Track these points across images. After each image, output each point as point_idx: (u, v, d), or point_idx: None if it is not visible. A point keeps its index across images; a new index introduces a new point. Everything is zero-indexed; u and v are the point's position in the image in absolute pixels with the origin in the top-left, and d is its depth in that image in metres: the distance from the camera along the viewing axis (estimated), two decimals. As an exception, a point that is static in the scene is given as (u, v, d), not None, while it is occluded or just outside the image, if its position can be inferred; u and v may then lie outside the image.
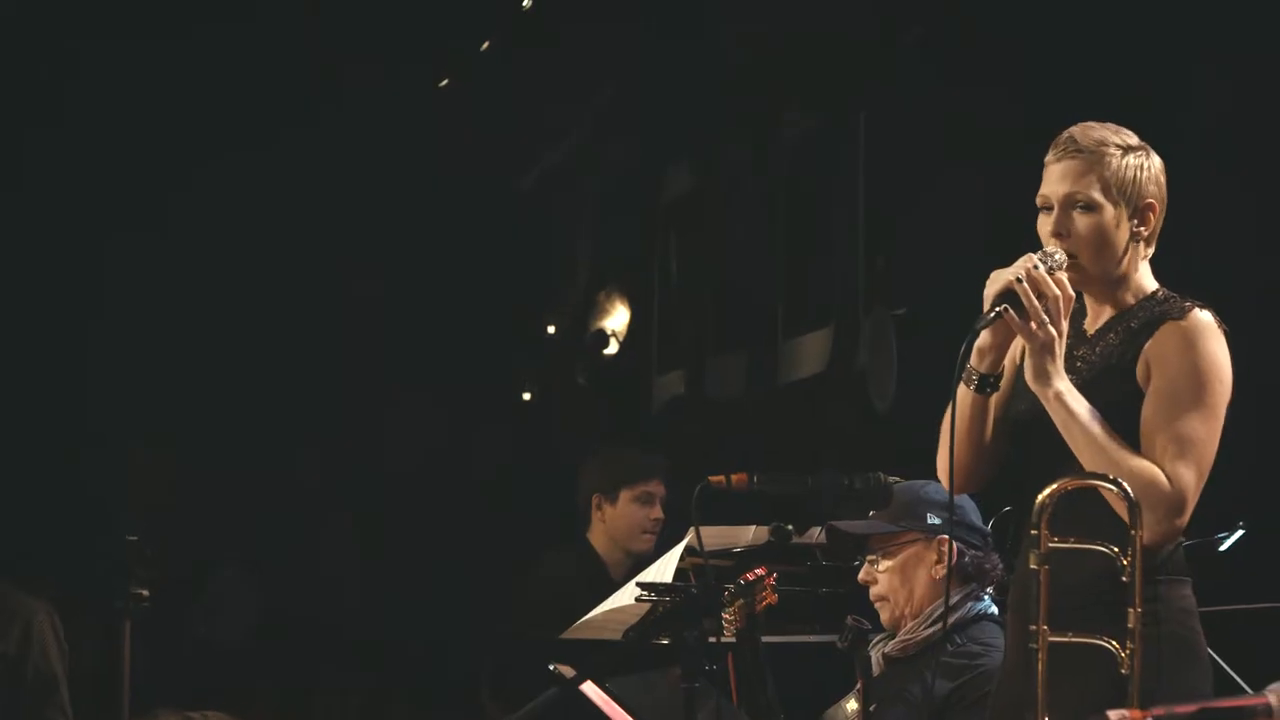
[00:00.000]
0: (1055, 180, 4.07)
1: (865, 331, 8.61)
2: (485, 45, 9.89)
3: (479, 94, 10.29)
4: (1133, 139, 4.09)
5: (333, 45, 9.60)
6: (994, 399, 4.12)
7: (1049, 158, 4.10)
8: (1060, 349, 3.96)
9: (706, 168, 10.65)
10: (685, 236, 11.00)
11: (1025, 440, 4.10)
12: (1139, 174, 4.05)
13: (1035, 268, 3.96)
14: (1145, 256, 4.12)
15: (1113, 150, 4.05)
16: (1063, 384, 3.95)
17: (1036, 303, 3.93)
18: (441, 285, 10.93)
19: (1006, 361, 4.12)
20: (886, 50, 8.30)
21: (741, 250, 10.21)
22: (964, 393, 4.08)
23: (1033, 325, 3.94)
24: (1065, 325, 3.97)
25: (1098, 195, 4.03)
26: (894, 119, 8.44)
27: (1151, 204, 4.08)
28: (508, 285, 11.29)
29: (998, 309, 3.95)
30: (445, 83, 10.31)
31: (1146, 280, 4.12)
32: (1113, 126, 4.10)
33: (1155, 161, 4.10)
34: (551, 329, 11.77)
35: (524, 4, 9.39)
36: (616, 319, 11.28)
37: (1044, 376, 3.96)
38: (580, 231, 11.75)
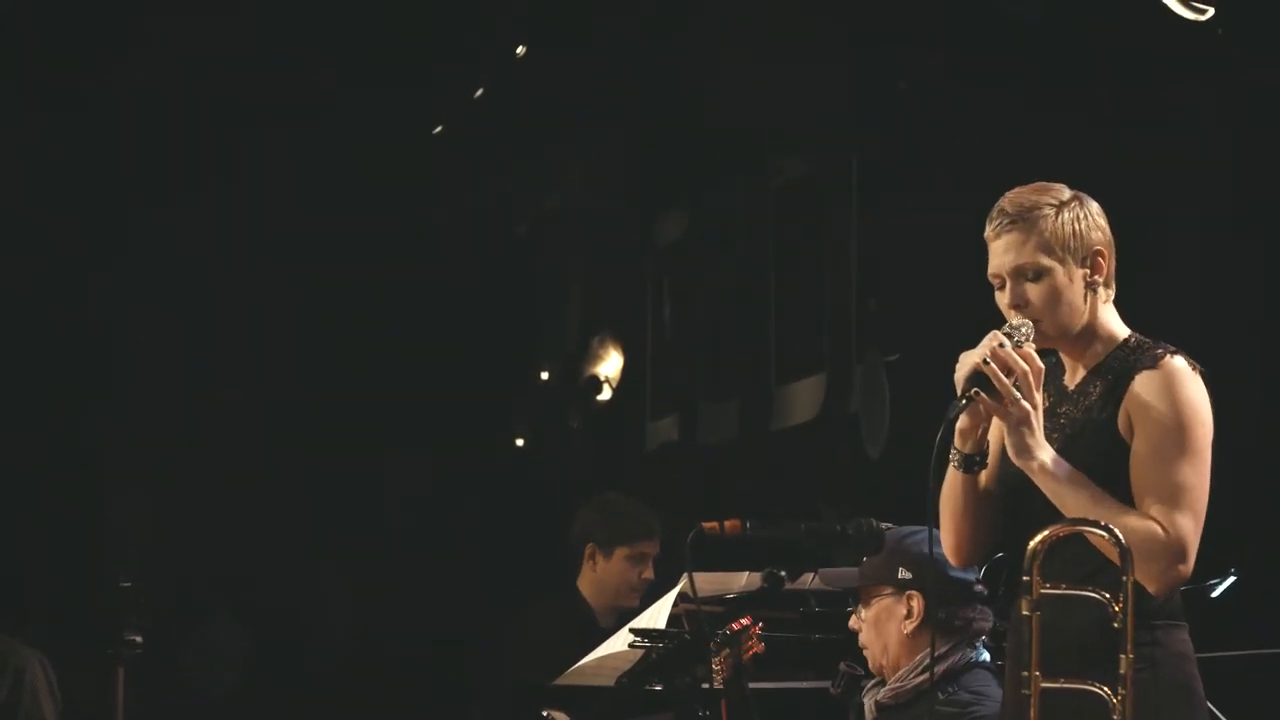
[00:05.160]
0: (999, 255, 4.08)
1: (858, 377, 8.62)
2: (479, 92, 9.91)
3: (473, 140, 10.31)
4: (1064, 193, 4.09)
5: (322, 83, 9.61)
6: (984, 472, 4.14)
7: (988, 233, 4.11)
8: (1037, 421, 3.96)
9: (699, 213, 10.68)
10: (678, 282, 11.02)
11: (1019, 493, 4.10)
12: (1077, 225, 4.06)
13: (1001, 345, 3.97)
14: (1107, 300, 4.12)
15: (1045, 211, 4.05)
16: (1045, 455, 3.96)
17: (1006, 380, 3.94)
18: (435, 331, 10.94)
19: (993, 435, 4.12)
20: (877, 96, 8.32)
21: (734, 296, 10.23)
22: (953, 474, 4.10)
23: (1006, 404, 3.95)
24: (1039, 397, 3.98)
25: (1043, 260, 4.04)
26: (886, 163, 8.46)
27: (1099, 250, 4.08)
28: (501, 331, 11.30)
29: (969, 394, 3.96)
30: (439, 129, 10.33)
31: (1115, 326, 4.12)
32: (1040, 186, 4.10)
33: (1092, 206, 4.11)
34: (545, 375, 11.78)
35: (517, 51, 9.42)
36: (610, 365, 11.29)
37: (1025, 451, 3.97)
38: (573, 277, 11.77)
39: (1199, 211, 6.84)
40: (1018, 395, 3.94)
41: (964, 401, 3.96)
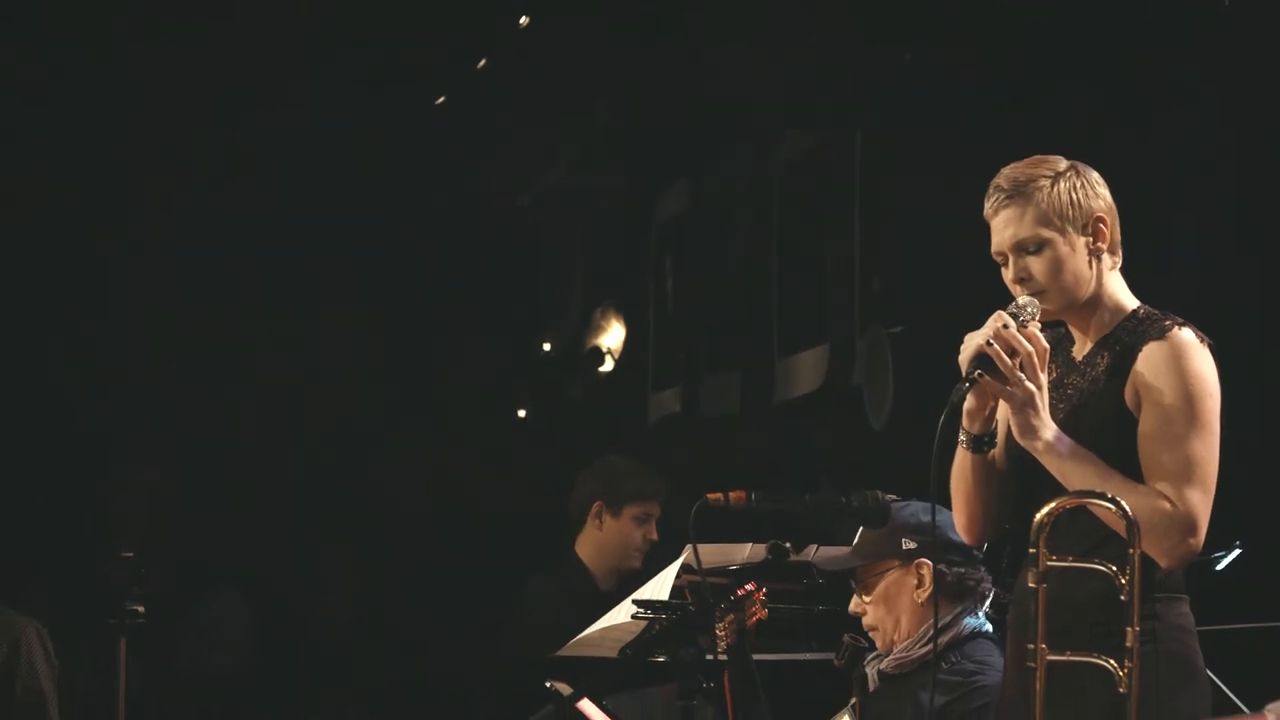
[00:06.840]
0: (1000, 230, 4.09)
1: (861, 349, 8.61)
2: (482, 63, 9.89)
3: (475, 111, 10.29)
4: (1060, 164, 4.09)
5: (324, 61, 9.59)
6: (995, 451, 4.13)
7: (987, 211, 4.11)
8: (1042, 401, 3.96)
9: (702, 185, 10.66)
10: (681, 253, 11.00)
11: (1026, 465, 4.10)
12: (1074, 194, 4.05)
13: (1005, 326, 3.96)
14: (1114, 267, 4.12)
15: (1041, 182, 4.05)
16: (1050, 434, 3.96)
17: (1010, 361, 3.93)
18: (438, 303, 10.94)
19: (1001, 414, 4.11)
20: (882, 69, 8.30)
21: (737, 268, 10.21)
22: (963, 454, 4.10)
23: (1010, 385, 3.94)
24: (1043, 377, 3.97)
25: (1043, 232, 4.04)
26: (890, 136, 8.44)
27: (1100, 217, 4.08)
28: (504, 302, 11.29)
29: (973, 376, 3.95)
30: (442, 100, 10.31)
31: (1123, 296, 4.12)
32: (1035, 159, 4.11)
33: (1091, 175, 4.11)
34: (547, 346, 11.77)
35: (520, 22, 9.40)
36: (612, 336, 11.28)
37: (1030, 432, 3.97)
38: (576, 248, 11.76)
39: (1199, 212, 6.82)
40: (1021, 376, 3.94)
41: (967, 384, 3.96)
